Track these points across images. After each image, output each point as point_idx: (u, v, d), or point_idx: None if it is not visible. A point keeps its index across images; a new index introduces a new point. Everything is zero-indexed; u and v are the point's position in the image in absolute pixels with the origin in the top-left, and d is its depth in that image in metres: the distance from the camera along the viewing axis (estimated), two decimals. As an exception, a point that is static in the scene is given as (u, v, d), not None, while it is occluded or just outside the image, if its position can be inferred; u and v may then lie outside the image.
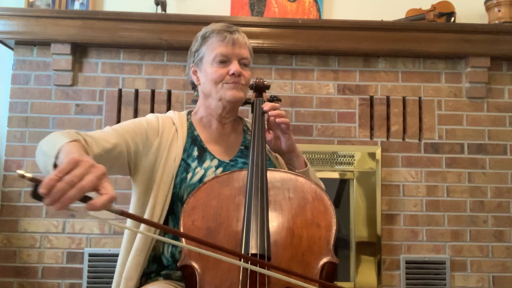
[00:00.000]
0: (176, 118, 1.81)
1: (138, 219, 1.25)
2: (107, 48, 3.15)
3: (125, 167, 1.69)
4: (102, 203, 1.07)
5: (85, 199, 1.08)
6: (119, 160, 1.64)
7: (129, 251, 1.65)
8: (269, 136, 1.77)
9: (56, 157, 1.29)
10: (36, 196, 1.06)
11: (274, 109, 1.77)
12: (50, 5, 3.25)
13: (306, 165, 1.81)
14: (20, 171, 1.04)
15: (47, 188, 1.04)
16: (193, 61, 1.84)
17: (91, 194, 1.10)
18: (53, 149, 1.32)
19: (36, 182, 1.05)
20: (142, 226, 1.62)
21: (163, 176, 1.67)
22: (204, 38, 1.79)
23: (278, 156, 1.88)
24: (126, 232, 1.71)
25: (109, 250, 3.00)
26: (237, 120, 1.92)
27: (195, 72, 1.85)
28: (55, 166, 1.28)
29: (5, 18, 3.01)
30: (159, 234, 1.66)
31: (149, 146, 1.71)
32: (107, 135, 1.61)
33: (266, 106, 1.78)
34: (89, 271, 2.99)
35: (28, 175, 1.03)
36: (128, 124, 1.73)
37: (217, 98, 1.76)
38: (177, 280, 1.61)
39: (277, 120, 1.73)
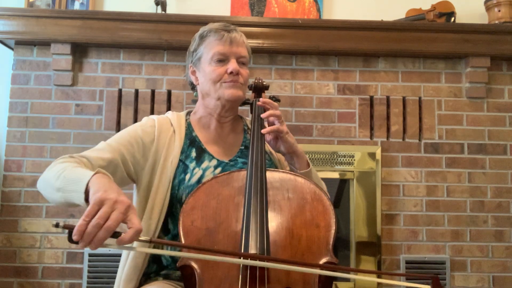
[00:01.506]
0: (174, 119, 1.80)
1: (168, 243, 1.31)
2: (107, 48, 3.15)
3: (126, 179, 1.70)
4: (130, 237, 1.18)
5: (115, 235, 1.18)
6: (117, 175, 1.65)
7: (129, 255, 1.65)
8: (268, 137, 1.74)
9: (85, 193, 1.32)
10: (71, 240, 1.17)
11: (271, 114, 1.73)
12: (50, 5, 3.25)
13: (308, 166, 1.78)
14: (54, 222, 1.16)
15: (79, 234, 1.15)
16: (192, 61, 1.83)
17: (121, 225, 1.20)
18: (77, 185, 1.34)
19: (69, 228, 1.16)
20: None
21: (161, 178, 1.68)
22: (202, 38, 1.79)
23: (281, 158, 1.88)
24: None
25: (109, 250, 3.00)
26: (236, 120, 1.91)
27: (193, 72, 1.84)
28: (87, 200, 1.32)
29: (5, 18, 3.01)
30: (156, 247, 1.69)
31: (147, 153, 1.71)
32: (101, 152, 1.63)
33: (264, 114, 1.74)
34: (89, 271, 2.99)
35: (61, 223, 1.16)
36: (123, 135, 1.72)
37: (215, 97, 1.76)
38: (176, 280, 1.62)
39: (262, 131, 1.71)
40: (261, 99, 1.78)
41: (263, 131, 1.69)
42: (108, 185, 1.30)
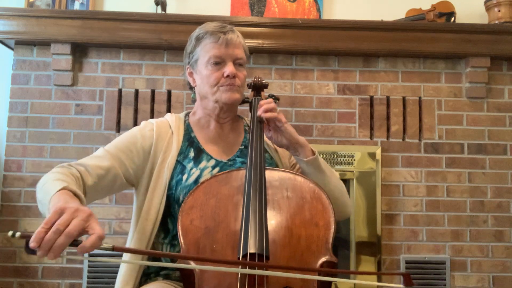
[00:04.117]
0: (173, 121, 1.81)
1: (131, 251, 1.29)
2: (107, 48, 3.15)
3: (125, 184, 1.71)
4: (91, 244, 1.13)
5: (76, 243, 1.13)
6: (117, 181, 1.67)
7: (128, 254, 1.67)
8: (269, 133, 1.73)
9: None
10: (29, 250, 1.11)
11: (267, 109, 1.70)
12: (50, 5, 3.25)
13: (313, 154, 1.74)
14: (10, 232, 1.09)
15: (37, 241, 1.09)
16: (189, 63, 1.84)
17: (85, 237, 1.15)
18: (46, 198, 1.35)
19: (26, 237, 1.10)
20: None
21: (158, 181, 1.68)
22: (198, 40, 1.78)
23: (283, 155, 1.88)
24: (129, 238, 1.72)
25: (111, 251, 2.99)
26: (236, 119, 1.91)
27: (191, 74, 1.84)
28: None
29: (5, 18, 3.00)
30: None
31: (146, 158, 1.72)
32: (100, 160, 1.64)
33: (260, 110, 1.72)
34: (89, 271, 2.99)
35: (18, 233, 1.09)
36: (123, 141, 1.73)
37: (213, 100, 1.76)
38: (176, 280, 1.62)
39: (258, 113, 1.70)
40: (259, 113, 1.73)
41: (259, 112, 1.69)
42: (69, 199, 1.29)
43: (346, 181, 3.17)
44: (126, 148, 1.70)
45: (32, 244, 1.09)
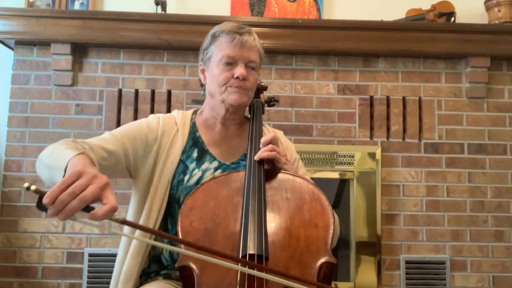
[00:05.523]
0: (179, 118, 1.80)
1: (140, 227, 1.28)
2: (107, 48, 3.15)
3: (125, 171, 1.70)
4: (103, 213, 1.11)
5: (88, 209, 1.12)
6: (118, 166, 1.65)
7: (127, 252, 1.66)
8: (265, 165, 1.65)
9: (65, 170, 1.29)
10: (40, 207, 1.11)
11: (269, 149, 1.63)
12: (50, 5, 3.25)
13: None
14: (26, 184, 1.08)
15: (50, 199, 1.09)
16: (202, 59, 1.82)
17: (95, 204, 1.14)
18: (61, 162, 1.32)
19: (40, 193, 1.10)
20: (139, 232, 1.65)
21: (160, 178, 1.67)
22: (214, 37, 1.76)
23: None
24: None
25: (109, 250, 3.00)
26: (243, 123, 1.89)
27: (203, 71, 1.82)
28: None
29: (5, 18, 3.01)
30: (157, 239, 1.67)
31: (149, 150, 1.71)
32: (105, 142, 1.62)
33: (261, 155, 1.63)
34: (89, 271, 2.99)
35: (33, 187, 1.08)
36: (129, 128, 1.73)
37: (220, 99, 1.74)
38: (177, 280, 1.62)
39: (255, 157, 1.61)
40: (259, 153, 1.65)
41: (256, 157, 1.61)
42: (88, 164, 1.28)
43: (346, 181, 3.18)
44: (131, 136, 1.69)
45: (45, 200, 1.09)
